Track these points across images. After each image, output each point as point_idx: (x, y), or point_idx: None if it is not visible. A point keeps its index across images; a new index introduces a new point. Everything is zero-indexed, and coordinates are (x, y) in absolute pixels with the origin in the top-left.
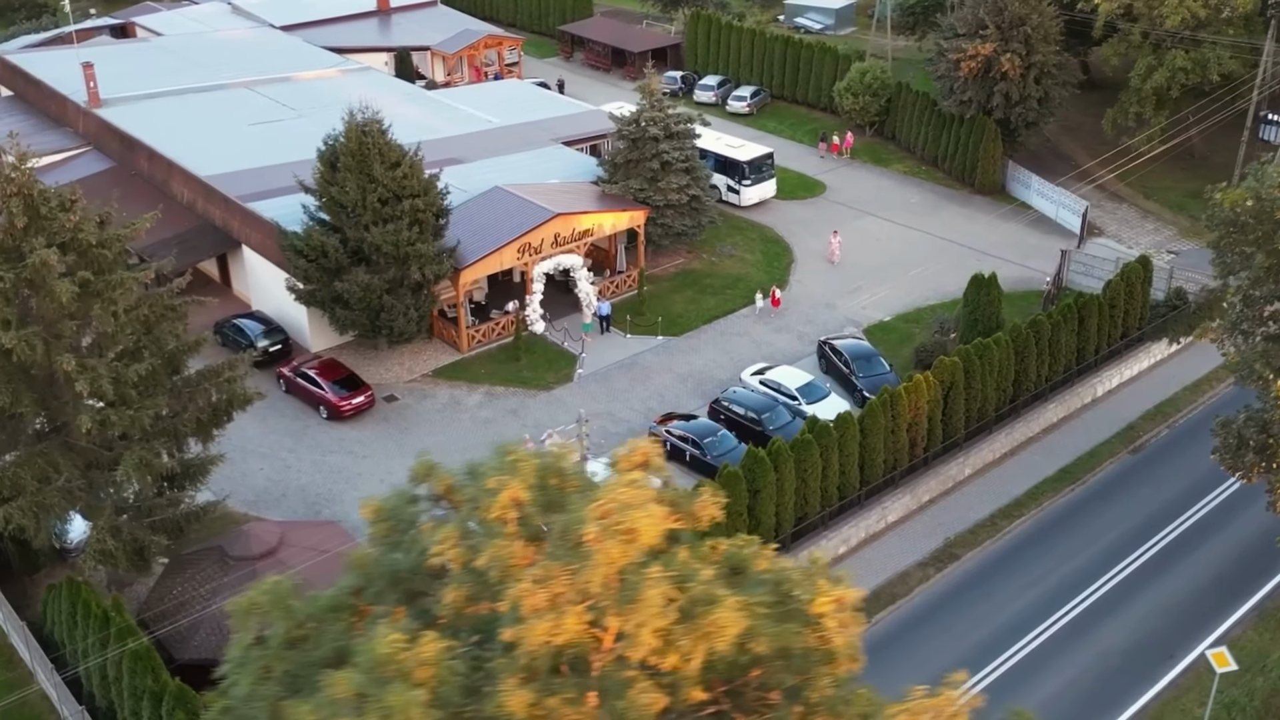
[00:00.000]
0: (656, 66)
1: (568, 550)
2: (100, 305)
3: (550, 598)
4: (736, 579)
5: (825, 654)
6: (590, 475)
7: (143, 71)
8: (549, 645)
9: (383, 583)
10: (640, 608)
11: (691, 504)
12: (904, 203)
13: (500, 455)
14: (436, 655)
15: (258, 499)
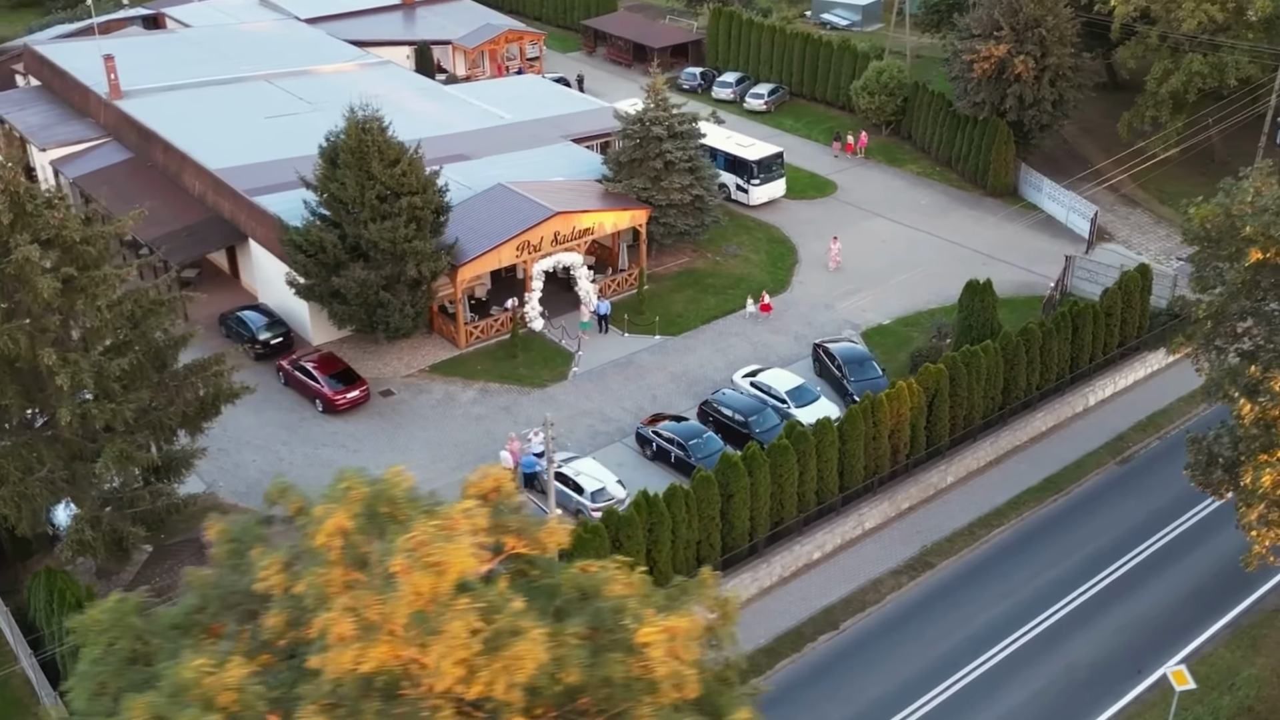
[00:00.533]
0: (677, 62)
1: (379, 580)
2: (84, 300)
3: (357, 626)
4: (582, 603)
5: (648, 684)
6: (576, 474)
7: (165, 63)
8: (355, 673)
9: (218, 604)
10: (442, 639)
11: (538, 531)
12: (914, 204)
13: (335, 482)
14: (240, 680)
15: (249, 490)
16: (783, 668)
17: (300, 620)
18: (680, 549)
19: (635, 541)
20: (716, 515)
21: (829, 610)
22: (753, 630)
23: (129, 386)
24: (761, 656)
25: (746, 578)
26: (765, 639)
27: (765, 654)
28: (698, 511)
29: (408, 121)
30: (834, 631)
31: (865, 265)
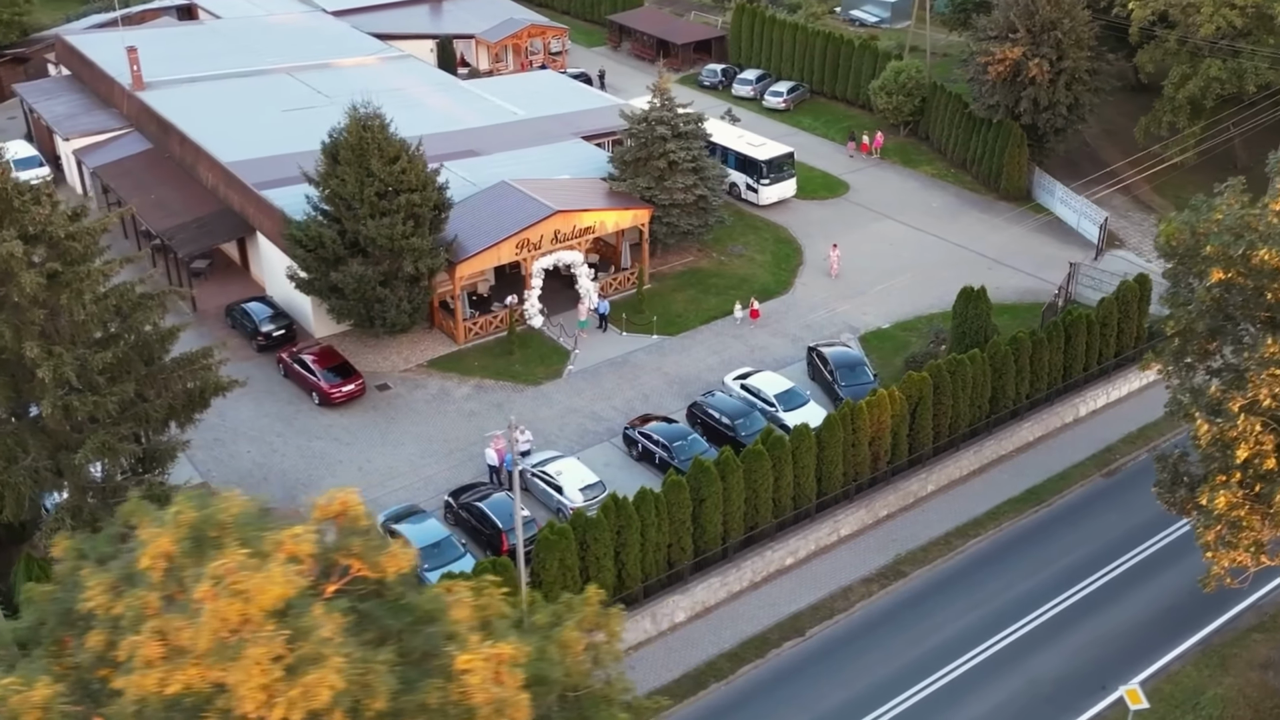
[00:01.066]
0: (701, 59)
1: (189, 605)
2: (69, 295)
3: (166, 649)
4: (418, 628)
5: (465, 710)
6: (556, 474)
7: (190, 55)
8: (160, 695)
9: (54, 620)
10: (242, 664)
11: (379, 555)
12: (925, 206)
13: (176, 502)
14: (46, 699)
15: (240, 481)
16: (745, 673)
17: (117, 642)
18: (650, 552)
19: (602, 544)
20: (687, 520)
21: (796, 617)
22: (719, 635)
23: (115, 379)
24: (724, 661)
25: (716, 582)
26: (730, 644)
27: (728, 659)
28: (668, 515)
29: (420, 116)
30: (800, 638)
31: (870, 268)
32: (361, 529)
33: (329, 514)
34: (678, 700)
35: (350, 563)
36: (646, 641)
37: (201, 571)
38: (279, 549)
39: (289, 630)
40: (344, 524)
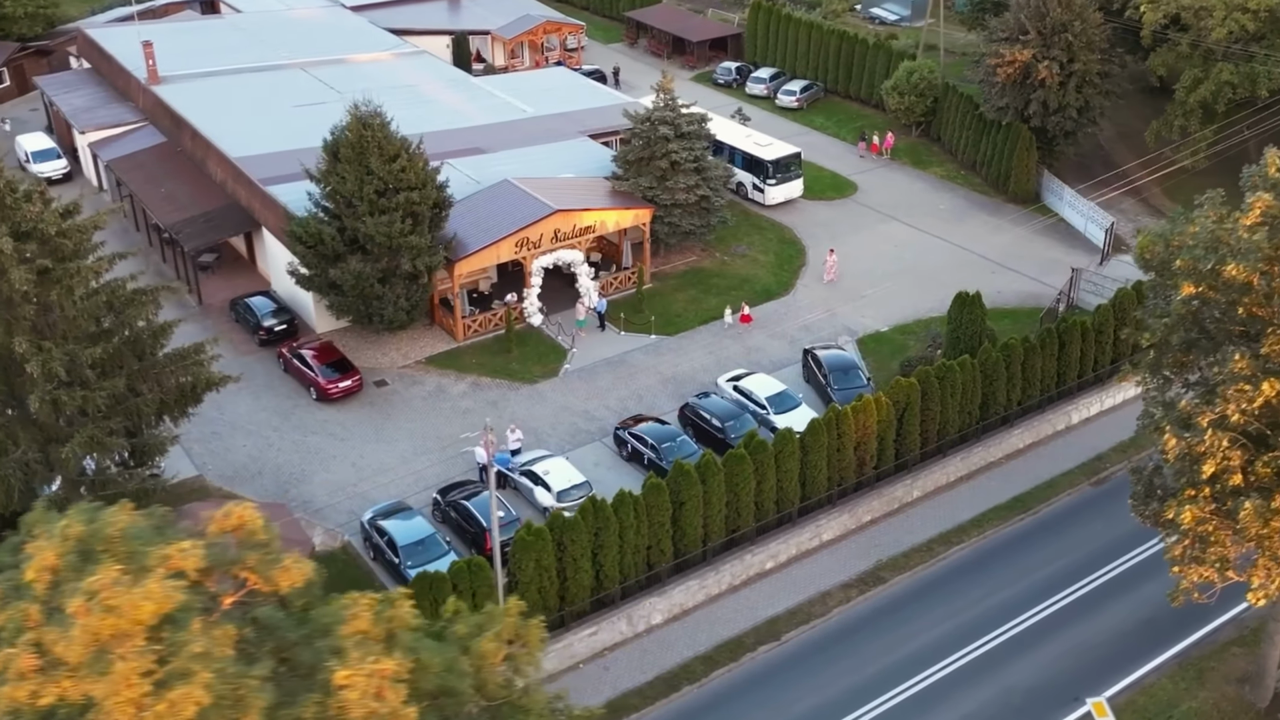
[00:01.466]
0: (717, 56)
1: (65, 618)
2: (59, 291)
3: (40, 662)
4: (311, 642)
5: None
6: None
7: (207, 49)
8: (33, 707)
9: None
10: (111, 679)
11: (273, 570)
12: (932, 208)
13: (68, 515)
14: None
15: (235, 474)
16: (718, 676)
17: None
18: (629, 554)
19: (579, 545)
20: (667, 522)
21: (773, 621)
22: (695, 637)
23: (106, 374)
24: (698, 664)
25: (694, 584)
26: (705, 647)
27: (702, 661)
28: (647, 518)
29: (429, 113)
30: (775, 642)
31: (872, 270)
32: (259, 543)
33: (226, 528)
34: (649, 702)
35: (247, 576)
36: (622, 643)
37: (79, 586)
38: (163, 564)
39: (160, 645)
40: (242, 537)
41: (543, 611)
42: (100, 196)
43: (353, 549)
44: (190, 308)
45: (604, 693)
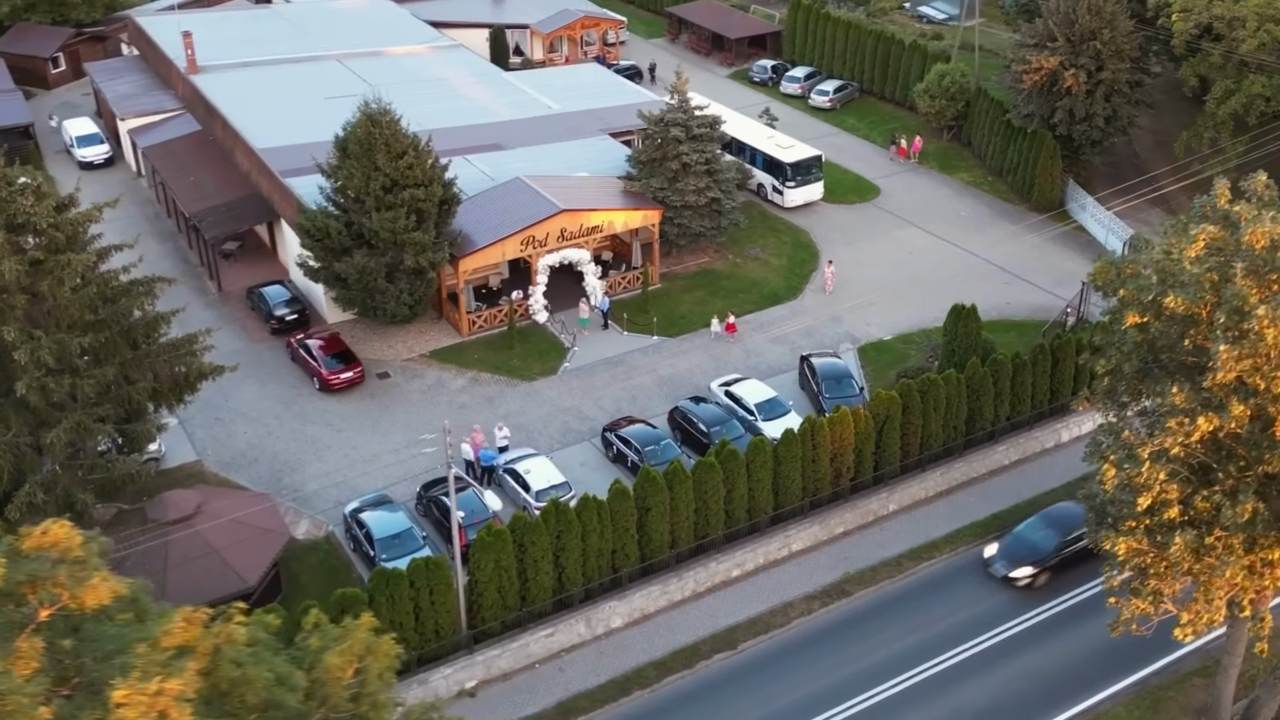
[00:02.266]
0: (755, 54)
1: None
2: (50, 282)
3: None
4: (107, 659)
5: None
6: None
7: (249, 39)
8: None
9: None
10: None
11: (80, 587)
12: (953, 215)
13: None
14: None
15: (233, 460)
16: (670, 682)
17: None
18: (591, 557)
19: (539, 547)
20: (632, 527)
21: (732, 630)
22: (653, 642)
23: (98, 362)
24: (652, 669)
25: (656, 590)
26: (662, 652)
27: (656, 667)
28: (611, 522)
29: (455, 108)
30: (731, 651)
31: (882, 277)
32: (74, 560)
33: (42, 544)
34: (599, 705)
35: (60, 592)
36: (580, 645)
37: None
38: None
39: None
40: (57, 554)
41: (502, 611)
42: (138, 182)
43: (335, 539)
44: (210, 294)
45: (555, 694)
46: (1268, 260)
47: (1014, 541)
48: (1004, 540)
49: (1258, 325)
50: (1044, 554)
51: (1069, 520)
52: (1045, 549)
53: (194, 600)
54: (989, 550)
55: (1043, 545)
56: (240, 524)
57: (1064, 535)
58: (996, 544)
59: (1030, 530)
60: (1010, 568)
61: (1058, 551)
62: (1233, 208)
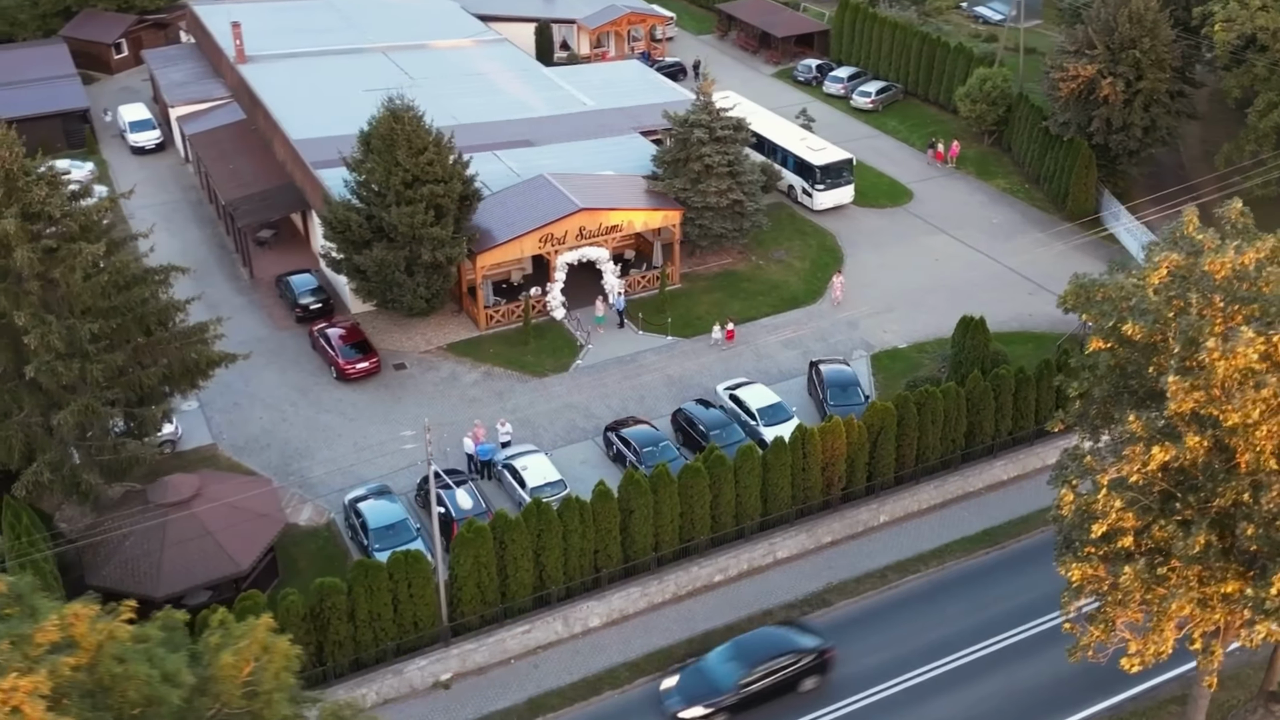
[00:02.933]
0: (803, 53)
1: None
2: (62, 269)
3: None
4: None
5: None
6: (521, 470)
7: (298, 30)
8: None
9: None
10: None
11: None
12: (984, 222)
13: None
14: None
15: (246, 445)
16: (640, 684)
17: None
18: (573, 557)
19: (519, 545)
20: (614, 529)
21: (708, 635)
22: (629, 644)
23: (110, 348)
24: (625, 670)
25: (636, 592)
26: (636, 654)
27: (629, 668)
28: (594, 524)
29: (490, 103)
30: None
31: (905, 283)
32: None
33: None
34: (569, 703)
35: None
36: (557, 643)
37: None
38: None
39: None
40: None
41: (481, 606)
42: (185, 168)
43: (335, 527)
44: (241, 280)
45: (528, 690)
46: (1227, 290)
47: (692, 675)
48: (684, 672)
49: (1207, 357)
50: (722, 692)
51: (761, 651)
52: (724, 686)
53: (187, 581)
54: (666, 683)
55: (723, 682)
56: (238, 508)
57: (749, 669)
58: (677, 675)
59: (714, 663)
60: (682, 706)
61: (738, 689)
62: (1198, 236)
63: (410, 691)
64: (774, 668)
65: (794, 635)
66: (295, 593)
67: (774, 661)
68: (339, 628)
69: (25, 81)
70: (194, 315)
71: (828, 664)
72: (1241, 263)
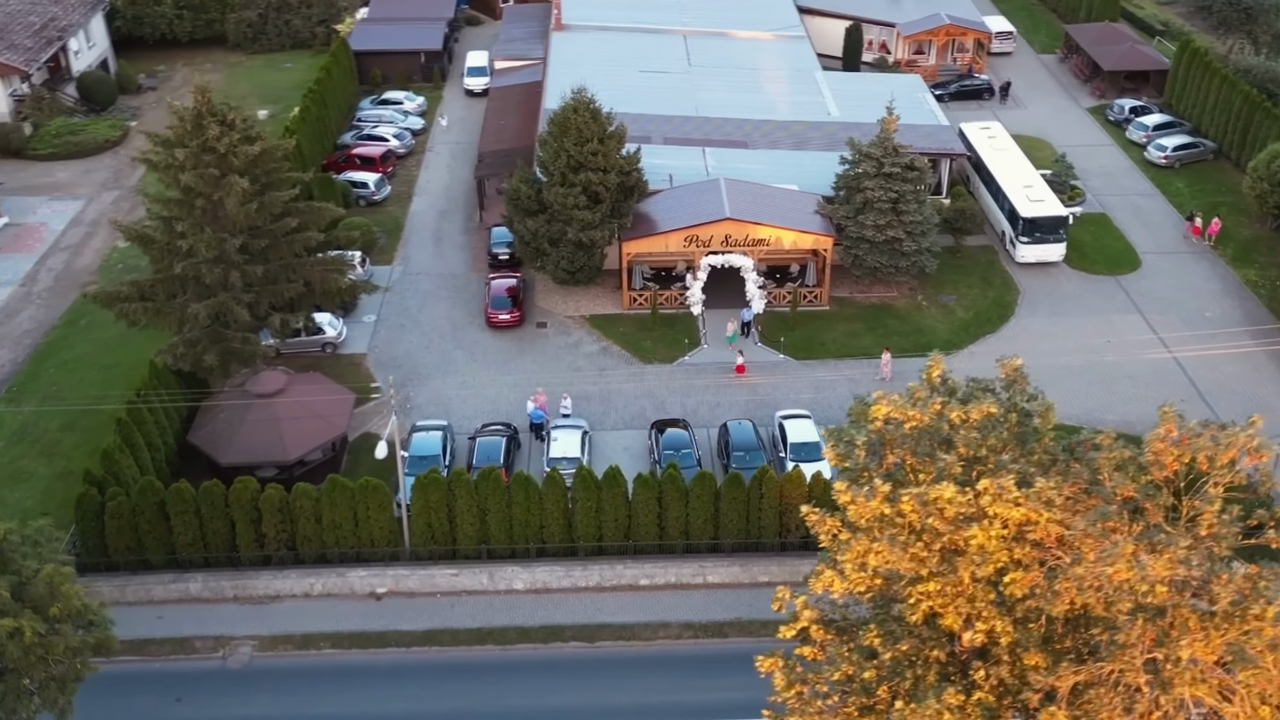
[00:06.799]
0: (1134, 89)
1: None
2: (222, 194)
3: None
4: None
5: None
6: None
7: (622, 5)
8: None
9: None
10: None
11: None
12: (1197, 314)
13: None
14: None
15: (385, 360)
16: (521, 648)
17: None
18: (516, 528)
19: (464, 501)
20: (558, 513)
21: (602, 626)
22: (535, 612)
23: (255, 261)
24: (514, 633)
25: (560, 570)
26: (534, 622)
27: (520, 632)
28: (539, 503)
29: (733, 99)
30: (588, 644)
31: (1053, 357)
32: None
33: None
34: (459, 644)
35: None
36: (479, 592)
37: None
38: None
39: None
40: None
41: (429, 542)
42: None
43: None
44: (473, 223)
45: (434, 622)
46: (914, 441)
47: None
48: None
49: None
50: None
51: None
52: None
53: (248, 457)
54: None
55: None
56: (309, 408)
57: None
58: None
59: None
60: None
61: None
62: (927, 392)
63: (349, 593)
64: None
65: None
66: (276, 487)
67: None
68: (306, 525)
69: (406, 19)
70: (421, 245)
71: None
72: (952, 418)
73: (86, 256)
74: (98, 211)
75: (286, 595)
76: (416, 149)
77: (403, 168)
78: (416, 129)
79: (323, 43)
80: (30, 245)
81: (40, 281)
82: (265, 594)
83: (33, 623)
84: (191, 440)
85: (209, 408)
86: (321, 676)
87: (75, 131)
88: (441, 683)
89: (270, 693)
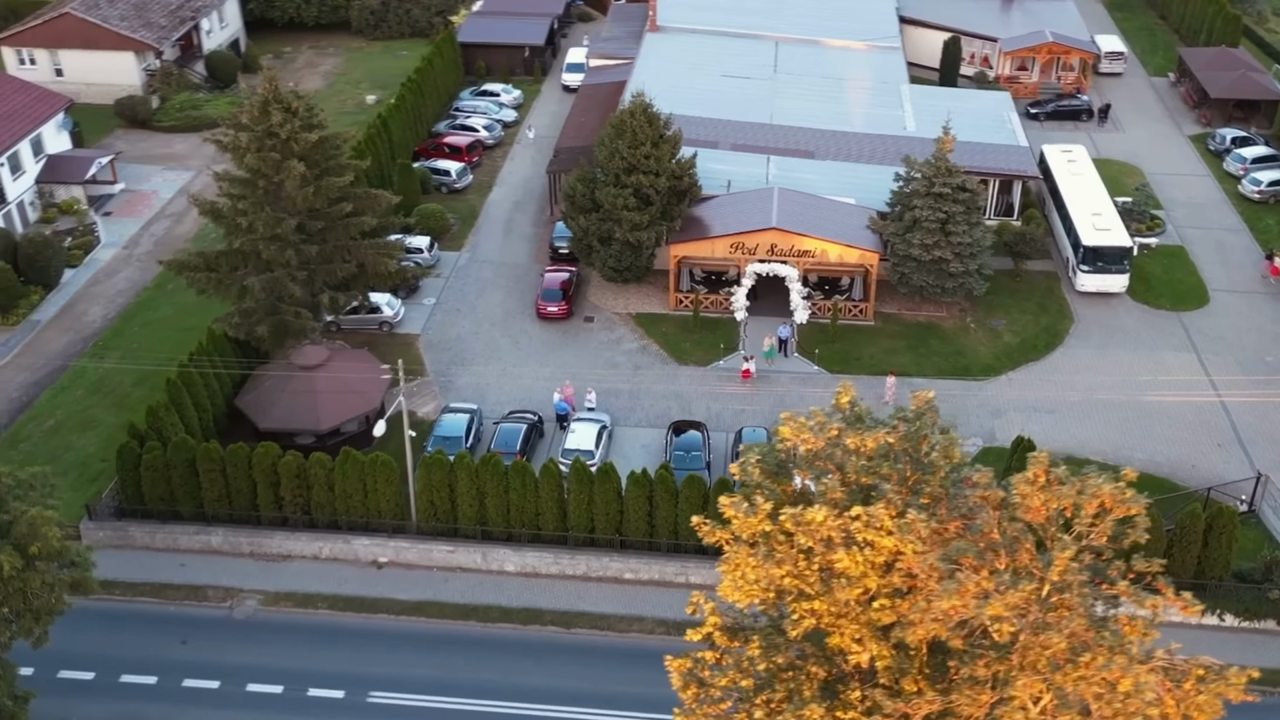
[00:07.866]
0: (1244, 118)
1: None
2: (282, 176)
3: None
4: None
5: None
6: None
7: (718, 8)
8: None
9: None
10: None
11: None
12: (1258, 358)
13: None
14: None
15: (436, 342)
16: (502, 628)
17: None
18: (513, 513)
19: (464, 483)
20: (552, 502)
21: (581, 614)
22: (520, 594)
23: (311, 241)
24: (497, 611)
25: (549, 557)
26: (517, 604)
27: (502, 611)
28: (535, 492)
29: (808, 108)
30: (564, 629)
31: (1094, 391)
32: None
33: None
34: (443, 617)
35: None
36: (472, 570)
37: None
38: None
39: None
40: None
41: (432, 519)
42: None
43: None
44: (544, 215)
45: (426, 594)
46: (808, 463)
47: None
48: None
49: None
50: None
51: None
52: None
53: (284, 425)
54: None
55: None
56: (346, 383)
57: None
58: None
59: None
60: None
61: None
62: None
63: (354, 559)
64: None
65: None
66: (295, 454)
67: None
68: (320, 492)
69: (516, 13)
70: (491, 234)
71: None
72: (852, 443)
73: (186, 224)
74: (204, 183)
75: (297, 555)
76: (505, 140)
77: (489, 158)
78: (508, 121)
79: (440, 32)
80: (140, 211)
81: (141, 245)
82: (278, 553)
83: (11, 559)
84: (238, 405)
85: (258, 375)
86: (317, 634)
87: (197, 106)
88: (425, 652)
89: (268, 644)
